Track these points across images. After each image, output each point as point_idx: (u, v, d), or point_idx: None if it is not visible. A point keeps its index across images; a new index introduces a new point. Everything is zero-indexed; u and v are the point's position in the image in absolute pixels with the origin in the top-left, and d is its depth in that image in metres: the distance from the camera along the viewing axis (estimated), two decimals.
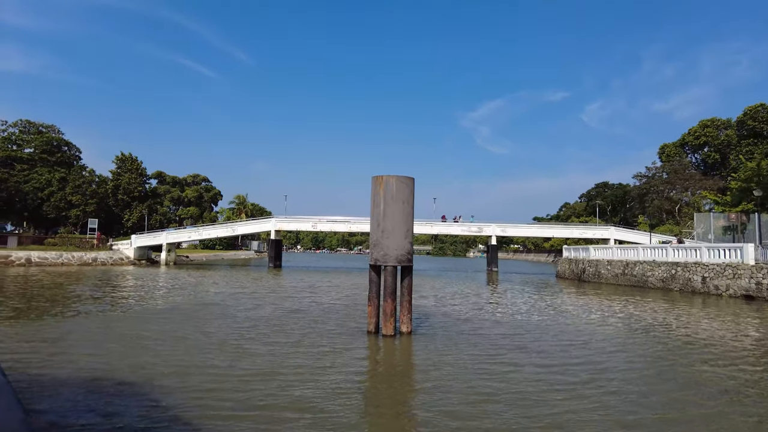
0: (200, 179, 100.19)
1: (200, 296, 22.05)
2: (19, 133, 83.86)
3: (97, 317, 15.35)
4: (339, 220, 52.92)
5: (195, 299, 20.81)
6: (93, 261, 48.25)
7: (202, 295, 22.81)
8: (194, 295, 22.44)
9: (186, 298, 21.46)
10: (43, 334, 12.35)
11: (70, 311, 16.62)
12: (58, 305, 18.12)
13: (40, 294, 21.70)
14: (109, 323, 14.32)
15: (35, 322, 14.49)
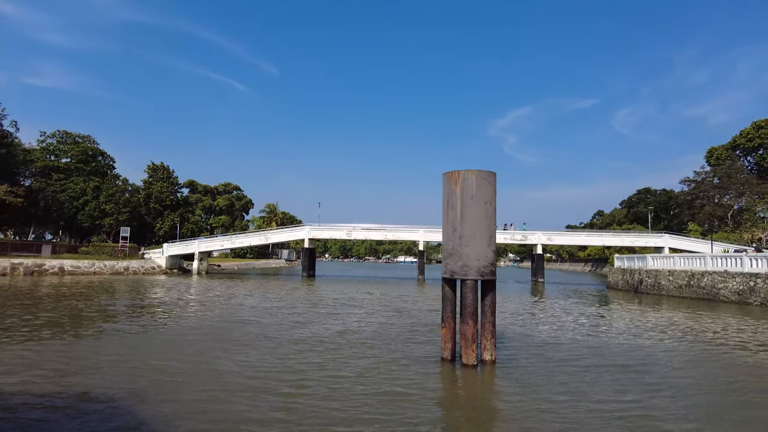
0: (231, 188, 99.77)
1: (235, 312, 19.98)
2: (57, 144, 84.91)
3: (123, 338, 13.42)
4: (374, 228, 50.84)
5: (229, 315, 18.79)
6: (125, 270, 47.33)
7: (237, 309, 20.77)
8: (228, 310, 20.43)
9: (220, 313, 19.48)
10: (60, 360, 10.48)
11: (96, 329, 14.84)
12: (86, 320, 16.41)
13: (69, 307, 20.11)
14: (136, 347, 12.35)
15: (57, 341, 12.69)
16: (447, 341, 11.60)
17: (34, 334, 13.72)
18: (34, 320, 16.31)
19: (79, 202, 77.01)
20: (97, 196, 78.17)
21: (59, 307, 20.23)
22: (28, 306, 20.13)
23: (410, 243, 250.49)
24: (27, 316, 17.40)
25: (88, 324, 15.89)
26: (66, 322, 16.19)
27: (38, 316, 17.29)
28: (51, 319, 16.64)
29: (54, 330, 14.45)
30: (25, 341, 12.60)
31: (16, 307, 19.62)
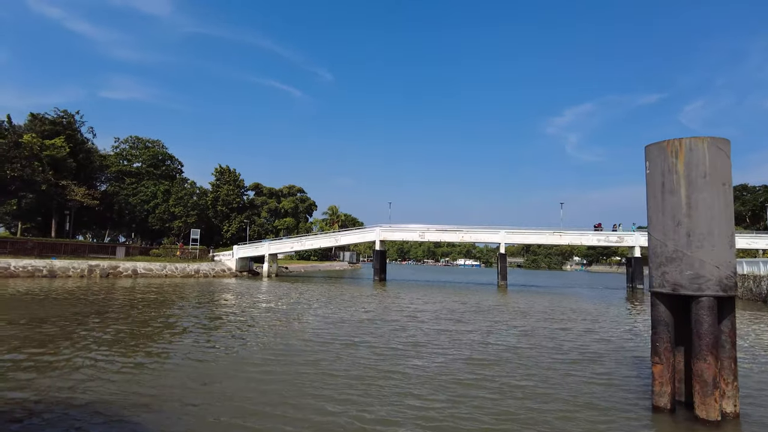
0: (295, 190, 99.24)
1: (326, 326, 16.99)
2: (129, 149, 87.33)
3: (191, 364, 10.75)
4: (450, 229, 47.39)
5: (323, 332, 15.84)
6: (195, 273, 46.43)
7: (327, 323, 17.83)
8: (317, 324, 17.52)
9: (309, 327, 16.64)
10: (120, 389, 7.88)
11: (163, 347, 12.42)
12: (154, 335, 14.13)
13: (139, 315, 18.09)
14: (205, 376, 9.64)
15: (118, 359, 10.27)
16: (664, 383, 8.06)
17: (95, 352, 11.40)
18: (100, 328, 14.30)
19: (149, 205, 78.45)
20: (166, 199, 79.38)
21: (129, 313, 18.27)
22: (100, 314, 18.26)
23: (469, 246, 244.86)
24: (95, 320, 15.40)
25: (156, 337, 13.57)
26: (132, 335, 13.94)
27: (106, 322, 15.26)
28: (118, 331, 14.48)
29: (116, 348, 12.13)
30: (85, 357, 10.23)
31: (87, 314, 17.79)
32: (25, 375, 9.10)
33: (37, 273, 36.58)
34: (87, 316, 17.12)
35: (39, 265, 37.41)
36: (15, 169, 40.14)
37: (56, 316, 16.54)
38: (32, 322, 15.31)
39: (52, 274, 37.13)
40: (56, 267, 38.00)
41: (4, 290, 25.92)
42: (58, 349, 11.43)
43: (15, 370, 9.41)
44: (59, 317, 16.40)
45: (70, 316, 16.77)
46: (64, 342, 12.30)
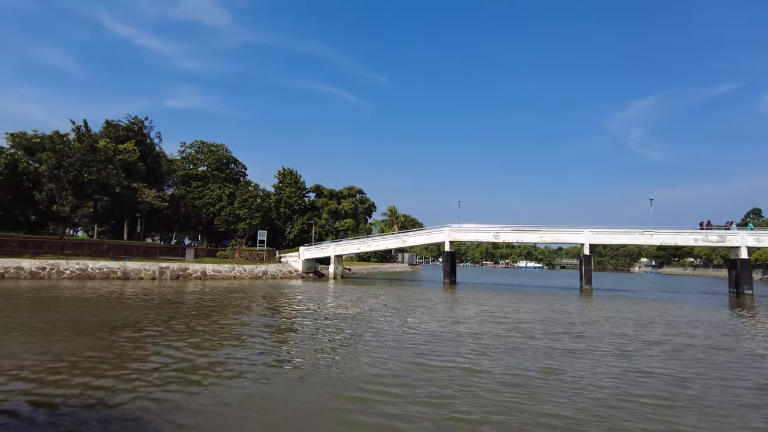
0: (355, 191, 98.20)
1: (417, 341, 14.43)
2: (195, 153, 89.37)
3: (262, 390, 8.76)
4: (527, 230, 43.98)
5: (415, 347, 13.41)
6: (263, 274, 45.70)
7: (417, 336, 15.34)
8: (407, 338, 15.12)
9: (397, 343, 14.17)
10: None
11: (233, 370, 10.57)
12: (224, 347, 12.40)
13: (209, 322, 16.59)
14: (283, 412, 7.55)
15: (174, 378, 8.43)
16: None
17: (156, 372, 9.67)
18: (167, 335, 12.76)
19: (215, 207, 79.62)
20: (231, 201, 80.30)
21: (199, 318, 16.80)
22: (169, 319, 16.90)
23: (530, 247, 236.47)
24: (160, 327, 13.91)
25: (224, 349, 11.77)
26: (198, 348, 12.24)
27: (172, 328, 13.73)
28: (184, 342, 12.85)
29: (180, 369, 10.38)
30: (148, 371, 8.45)
31: (154, 322, 16.45)
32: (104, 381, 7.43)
33: (111, 275, 36.76)
34: (173, 319, 15.80)
35: (113, 267, 37.63)
36: (92, 172, 40.73)
37: (145, 320, 15.30)
38: (125, 326, 14.05)
39: (125, 275, 37.23)
40: (129, 269, 38.11)
41: (92, 292, 25.56)
42: (150, 362, 9.84)
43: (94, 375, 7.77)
44: (148, 320, 15.13)
45: (159, 321, 15.50)
46: (163, 350, 10.74)
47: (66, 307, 18.78)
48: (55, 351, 10.86)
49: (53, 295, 23.50)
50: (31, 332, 13.28)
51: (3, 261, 33.75)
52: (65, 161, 40.05)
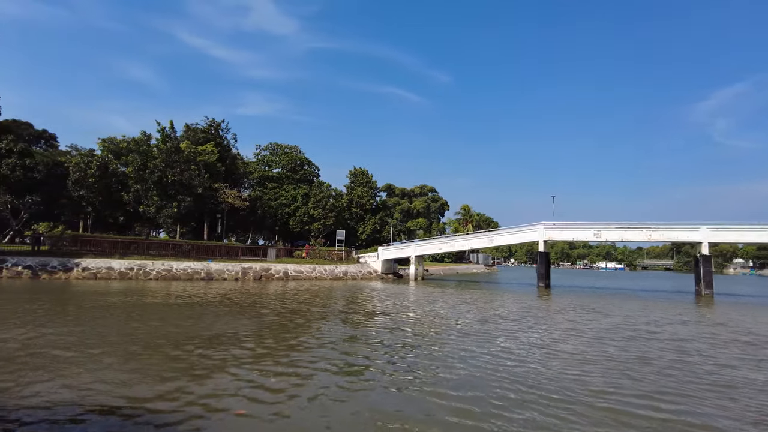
0: (427, 190, 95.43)
1: (563, 368, 11.19)
2: (269, 155, 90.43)
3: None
4: (633, 227, 39.11)
5: (574, 379, 10.33)
6: (344, 275, 44.04)
7: (557, 361, 12.08)
8: (552, 366, 11.91)
9: (550, 373, 11.13)
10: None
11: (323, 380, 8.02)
12: (314, 363, 9.95)
13: (309, 336, 14.44)
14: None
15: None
16: None
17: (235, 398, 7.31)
18: (260, 360, 10.50)
19: (290, 208, 79.82)
20: (305, 202, 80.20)
21: (296, 330, 14.69)
22: (259, 331, 14.92)
23: (609, 247, 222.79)
24: (249, 343, 11.81)
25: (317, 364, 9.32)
26: (299, 378, 9.88)
27: (264, 347, 11.54)
28: (265, 349, 10.58)
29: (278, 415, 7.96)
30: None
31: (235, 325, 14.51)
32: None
33: (195, 276, 36.32)
34: (264, 333, 13.85)
35: (197, 267, 37.23)
36: (175, 173, 40.74)
37: (229, 331, 13.44)
38: (210, 342, 12.21)
39: (209, 276, 36.69)
40: (212, 270, 37.59)
41: (176, 294, 24.63)
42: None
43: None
44: (235, 333, 13.25)
45: (249, 333, 13.61)
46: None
47: (149, 313, 17.47)
48: (122, 378, 8.95)
49: (139, 297, 22.62)
50: (106, 347, 11.66)
51: (96, 261, 34.10)
52: (150, 163, 40.29)
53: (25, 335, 12.21)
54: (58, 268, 32.21)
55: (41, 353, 10.33)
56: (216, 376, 9.03)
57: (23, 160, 32.85)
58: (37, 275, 30.92)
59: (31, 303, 18.59)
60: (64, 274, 31.83)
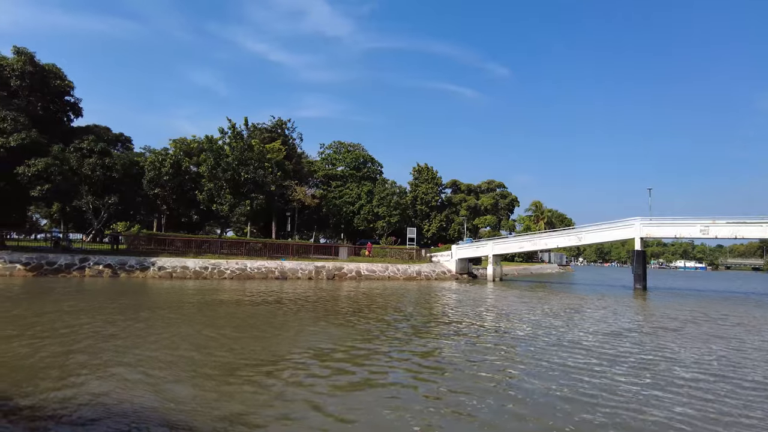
0: (495, 185, 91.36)
1: None
2: (333, 153, 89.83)
3: None
4: (750, 222, 34.24)
5: None
6: (417, 275, 41.80)
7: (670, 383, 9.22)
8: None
9: None
10: None
11: None
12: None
13: (406, 340, 12.22)
14: None
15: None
16: None
17: None
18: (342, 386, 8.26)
19: (354, 206, 78.69)
20: (370, 200, 78.81)
21: (388, 342, 12.50)
22: (344, 343, 12.81)
23: (686, 245, 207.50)
24: (329, 362, 9.65)
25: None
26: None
27: (349, 359, 9.35)
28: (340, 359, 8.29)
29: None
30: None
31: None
32: None
33: (269, 275, 35.30)
34: (349, 345, 11.81)
35: (271, 266, 36.22)
36: (248, 171, 40.04)
37: (311, 349, 11.49)
38: (289, 362, 10.28)
39: (282, 275, 35.57)
40: (286, 268, 36.47)
41: (251, 295, 23.33)
42: None
43: None
44: (316, 349, 11.28)
45: (331, 351, 11.63)
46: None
47: (225, 318, 15.95)
48: (186, 410, 7.02)
49: (214, 298, 21.39)
50: (170, 354, 9.92)
51: (171, 260, 33.78)
52: (222, 161, 39.81)
53: (97, 347, 10.80)
54: (135, 267, 32.05)
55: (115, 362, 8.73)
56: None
57: (103, 160, 32.96)
58: (117, 274, 30.82)
59: (110, 302, 17.64)
60: (141, 273, 31.61)
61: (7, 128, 28.60)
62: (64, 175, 29.11)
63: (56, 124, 35.26)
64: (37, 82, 33.06)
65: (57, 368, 8.65)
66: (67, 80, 35.03)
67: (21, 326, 12.56)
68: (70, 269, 30.22)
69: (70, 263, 30.66)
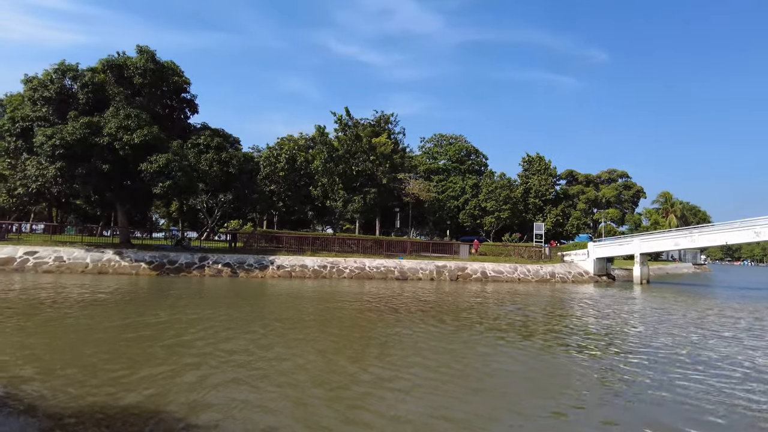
0: (617, 175, 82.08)
1: None
2: (434, 147, 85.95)
3: None
4: None
5: None
6: (551, 277, 36.73)
7: None
8: None
9: None
10: None
11: None
12: None
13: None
14: None
15: None
16: None
17: None
18: None
19: (459, 201, 74.28)
20: (475, 194, 73.97)
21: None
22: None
23: None
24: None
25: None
26: None
27: None
28: None
29: None
30: None
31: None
32: None
33: (389, 274, 32.30)
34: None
35: (390, 265, 33.23)
36: (358, 163, 37.43)
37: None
38: None
39: (402, 275, 32.42)
40: (405, 268, 33.31)
41: (375, 299, 20.17)
42: None
43: None
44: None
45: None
46: None
47: (398, 344, 12.64)
48: None
49: (355, 306, 18.42)
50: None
51: (289, 259, 31.95)
52: (334, 154, 37.54)
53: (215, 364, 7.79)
54: (254, 266, 30.51)
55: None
56: None
57: (219, 155, 31.86)
58: (236, 273, 29.39)
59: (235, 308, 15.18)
60: (260, 273, 29.97)
61: (131, 125, 28.11)
62: (184, 170, 28.03)
63: (173, 121, 34.93)
64: (157, 79, 32.73)
65: None
66: (184, 76, 34.52)
67: (173, 350, 10.10)
68: (190, 268, 29.28)
69: (190, 262, 29.77)
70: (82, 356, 8.94)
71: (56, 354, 9.11)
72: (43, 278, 23.64)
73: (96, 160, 27.38)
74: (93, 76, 30.71)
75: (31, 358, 8.73)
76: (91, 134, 27.23)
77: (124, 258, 28.93)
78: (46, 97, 29.06)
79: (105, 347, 9.70)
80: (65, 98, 30.00)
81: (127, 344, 10.07)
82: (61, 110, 29.44)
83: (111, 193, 30.74)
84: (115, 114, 28.88)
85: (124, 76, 32.15)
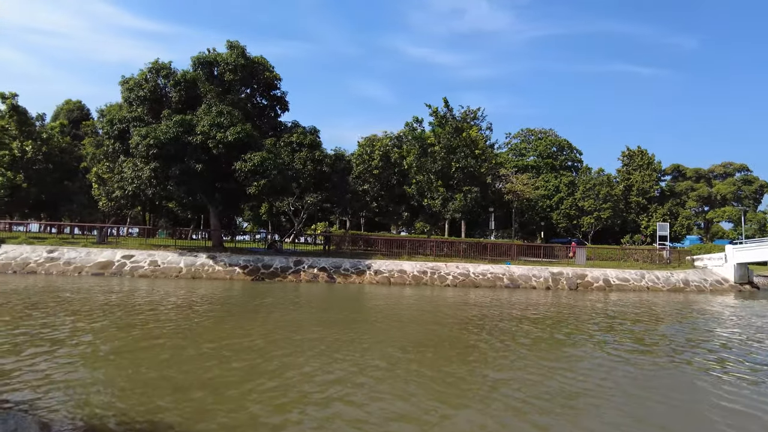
0: (733, 169, 72.76)
1: None
2: (521, 143, 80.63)
3: None
4: None
5: None
6: (684, 285, 31.48)
7: None
8: None
9: None
10: None
11: None
12: None
13: None
14: None
15: None
16: None
17: None
18: None
19: (552, 200, 68.69)
20: (571, 192, 68.02)
21: None
22: None
23: None
24: None
25: None
26: None
27: None
28: None
29: None
30: None
31: None
32: None
33: (497, 282, 28.76)
34: None
35: (497, 272, 29.69)
36: (459, 159, 34.22)
37: None
38: None
39: (513, 283, 28.77)
40: (515, 275, 29.61)
41: (487, 315, 16.75)
42: None
43: None
44: None
45: None
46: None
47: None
48: None
49: (461, 323, 15.18)
50: None
51: (386, 263, 29.37)
52: (429, 149, 34.59)
53: None
54: (351, 271, 28.21)
55: None
56: None
57: (312, 153, 29.98)
58: (333, 279, 27.24)
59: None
60: (357, 278, 27.64)
61: (224, 122, 26.82)
62: (279, 169, 26.25)
63: (265, 118, 33.58)
64: (247, 75, 31.52)
65: None
66: (275, 72, 33.08)
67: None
68: (285, 273, 27.49)
69: (285, 266, 27.98)
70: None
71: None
72: (139, 284, 22.54)
73: (189, 160, 26.32)
74: (185, 73, 29.98)
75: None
76: (184, 133, 26.23)
77: (218, 262, 27.66)
78: (141, 97, 28.56)
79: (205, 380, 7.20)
80: (159, 97, 29.44)
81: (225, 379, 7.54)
82: (155, 110, 28.85)
83: (204, 194, 29.75)
84: (208, 111, 27.81)
85: (214, 74, 31.22)
